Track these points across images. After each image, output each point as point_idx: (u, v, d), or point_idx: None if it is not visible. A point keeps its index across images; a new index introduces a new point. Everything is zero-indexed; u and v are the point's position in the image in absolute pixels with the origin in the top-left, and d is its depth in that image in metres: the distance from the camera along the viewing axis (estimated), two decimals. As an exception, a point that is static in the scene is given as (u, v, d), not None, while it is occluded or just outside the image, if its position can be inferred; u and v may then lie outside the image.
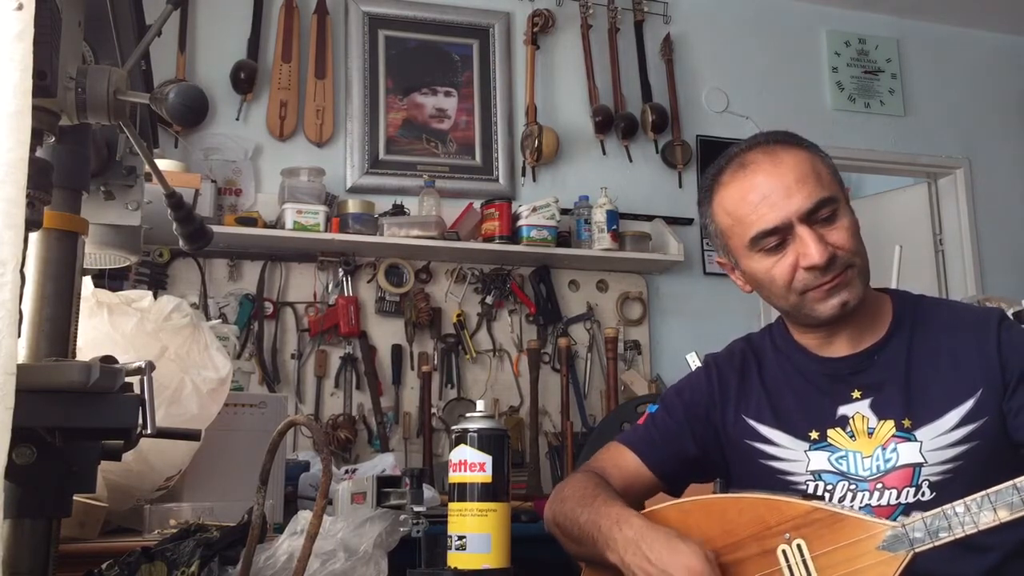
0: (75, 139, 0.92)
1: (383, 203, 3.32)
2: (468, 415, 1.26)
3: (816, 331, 1.33)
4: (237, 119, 3.33)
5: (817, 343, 1.34)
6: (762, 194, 1.25)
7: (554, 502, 1.35)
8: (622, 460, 1.39)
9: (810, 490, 1.27)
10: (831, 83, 4.20)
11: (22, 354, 0.86)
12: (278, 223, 3.17)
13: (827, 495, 1.27)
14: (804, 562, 1.14)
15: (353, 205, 3.23)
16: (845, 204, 1.28)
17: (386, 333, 3.31)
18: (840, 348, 1.33)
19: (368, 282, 3.33)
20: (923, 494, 1.22)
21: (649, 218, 3.67)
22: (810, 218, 1.23)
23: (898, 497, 1.23)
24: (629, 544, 1.17)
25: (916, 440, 1.24)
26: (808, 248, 1.22)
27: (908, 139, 4.27)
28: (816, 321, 1.29)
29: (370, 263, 3.33)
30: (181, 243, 1.09)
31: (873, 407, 1.28)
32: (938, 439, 1.23)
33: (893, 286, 2.00)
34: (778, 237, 1.25)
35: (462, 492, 1.22)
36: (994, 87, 4.47)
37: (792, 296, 1.27)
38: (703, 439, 1.39)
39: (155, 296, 1.73)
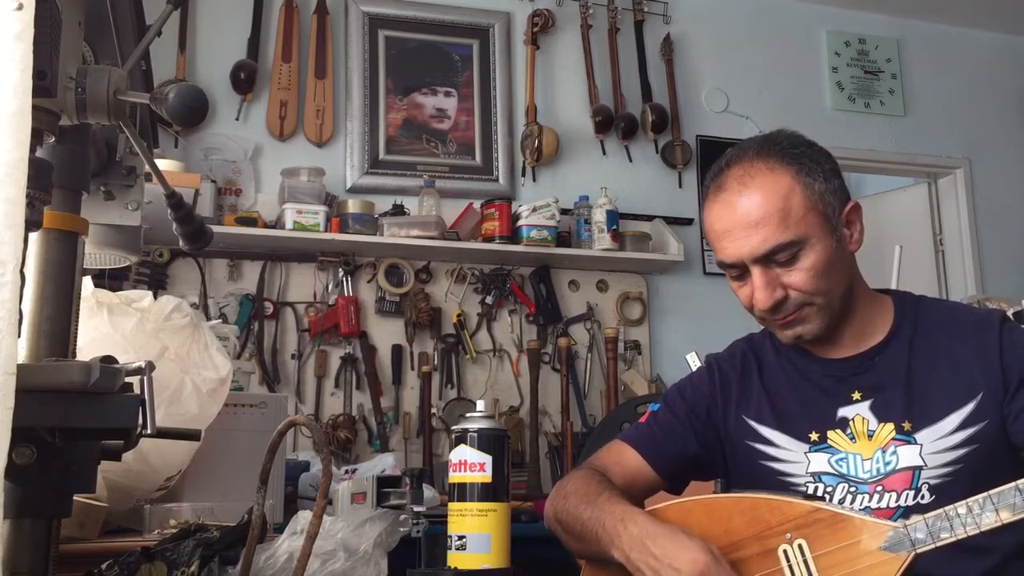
0: (75, 139, 0.92)
1: (383, 203, 3.32)
2: (468, 415, 1.26)
3: None
4: (237, 119, 3.33)
5: (817, 344, 1.34)
6: (726, 227, 1.26)
7: (556, 499, 1.35)
8: (624, 458, 1.39)
9: (810, 492, 1.27)
10: (831, 83, 4.20)
11: (22, 354, 0.86)
12: (278, 223, 3.17)
13: (827, 497, 1.26)
14: (805, 562, 1.14)
15: (353, 205, 3.23)
16: (819, 238, 1.23)
17: (386, 333, 3.31)
18: (841, 349, 1.33)
19: (368, 282, 3.33)
20: (922, 497, 1.22)
21: (649, 218, 3.67)
22: (766, 260, 1.24)
23: (897, 500, 1.23)
24: (635, 541, 1.17)
25: (916, 443, 1.24)
26: (756, 292, 1.25)
27: (908, 139, 4.26)
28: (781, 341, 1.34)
29: (370, 263, 3.32)
30: (181, 243, 1.09)
31: (873, 409, 1.28)
32: (938, 442, 1.23)
33: (893, 286, 2.00)
34: (738, 270, 1.28)
35: (462, 492, 1.22)
36: (994, 87, 4.47)
37: (755, 316, 1.32)
38: (704, 437, 1.39)
39: (155, 296, 1.72)
